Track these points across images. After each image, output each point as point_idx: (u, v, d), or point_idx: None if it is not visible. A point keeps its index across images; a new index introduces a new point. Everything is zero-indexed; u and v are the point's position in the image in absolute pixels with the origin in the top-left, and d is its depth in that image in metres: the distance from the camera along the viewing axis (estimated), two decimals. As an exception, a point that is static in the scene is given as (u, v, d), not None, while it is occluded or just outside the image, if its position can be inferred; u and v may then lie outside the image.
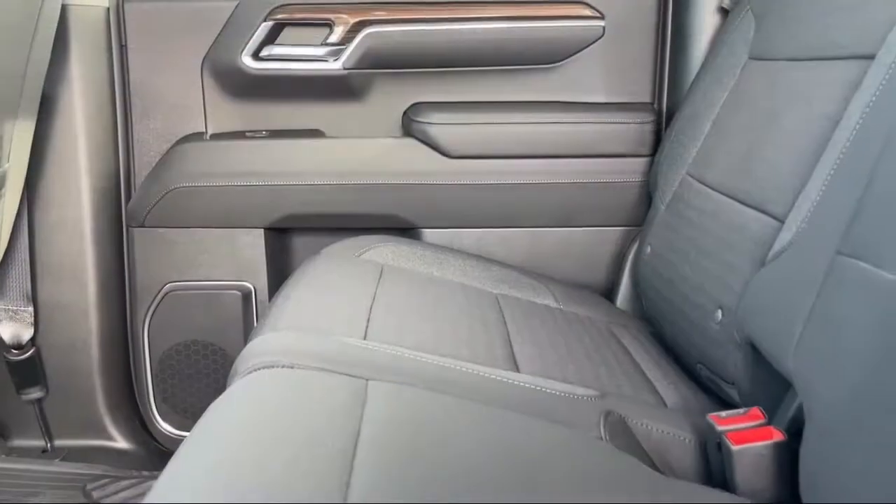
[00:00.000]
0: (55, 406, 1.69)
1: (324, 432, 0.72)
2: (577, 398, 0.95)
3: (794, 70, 1.14)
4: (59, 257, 1.62)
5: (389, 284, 1.30)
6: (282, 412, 0.77)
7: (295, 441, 0.70)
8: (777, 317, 0.88)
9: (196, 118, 1.69)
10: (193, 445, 0.70)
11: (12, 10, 1.24)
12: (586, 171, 1.64)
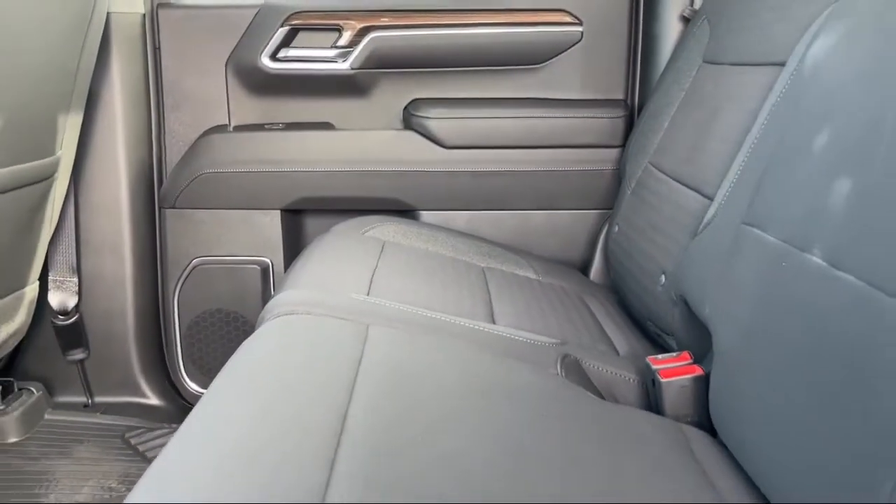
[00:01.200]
0: (95, 366, 1.88)
1: (332, 362, 0.92)
2: (540, 344, 1.15)
3: (734, 73, 1.32)
4: (100, 234, 1.81)
5: (390, 257, 1.49)
6: (299, 347, 0.97)
7: (309, 369, 0.90)
8: (699, 277, 1.07)
9: (220, 112, 1.88)
10: (232, 368, 0.90)
11: (67, 19, 1.44)
12: (566, 160, 1.82)
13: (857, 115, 0.80)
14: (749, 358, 0.88)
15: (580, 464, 0.80)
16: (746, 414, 0.87)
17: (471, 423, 0.83)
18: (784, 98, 1.02)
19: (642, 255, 1.39)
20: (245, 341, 0.99)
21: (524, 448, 0.80)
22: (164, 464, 0.66)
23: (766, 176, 0.96)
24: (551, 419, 0.90)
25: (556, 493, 0.73)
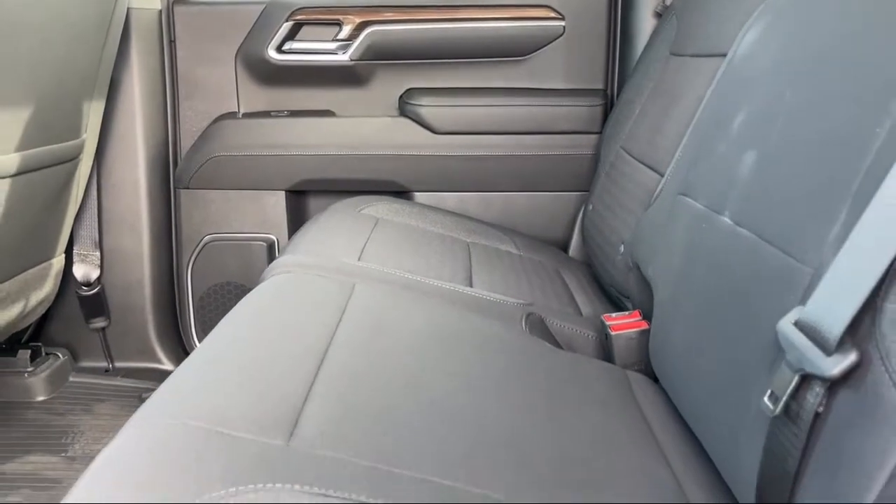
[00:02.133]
0: (115, 334, 2.03)
1: (319, 310, 1.05)
2: (508, 303, 1.28)
3: (692, 63, 1.45)
4: (120, 212, 1.96)
5: (382, 231, 1.62)
6: (291, 298, 1.10)
7: (299, 314, 1.04)
8: (647, 242, 1.20)
9: (230, 100, 2.02)
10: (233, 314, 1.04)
11: (93, 14, 1.58)
12: (548, 144, 1.95)
13: (765, 97, 0.93)
14: (676, 307, 1.01)
15: (528, 395, 0.94)
16: (671, 353, 1.01)
17: (438, 363, 0.97)
18: (718, 84, 1.15)
19: (608, 229, 1.52)
20: (246, 296, 1.13)
21: (482, 384, 0.94)
22: (176, 379, 0.80)
23: (699, 152, 1.09)
24: (509, 362, 1.04)
25: (503, 416, 0.87)
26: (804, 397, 0.62)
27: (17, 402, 1.85)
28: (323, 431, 0.72)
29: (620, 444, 0.87)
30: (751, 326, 0.75)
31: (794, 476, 0.63)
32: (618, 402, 1.01)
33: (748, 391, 0.73)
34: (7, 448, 1.66)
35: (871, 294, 0.58)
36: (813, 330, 0.62)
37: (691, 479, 0.84)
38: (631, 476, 0.81)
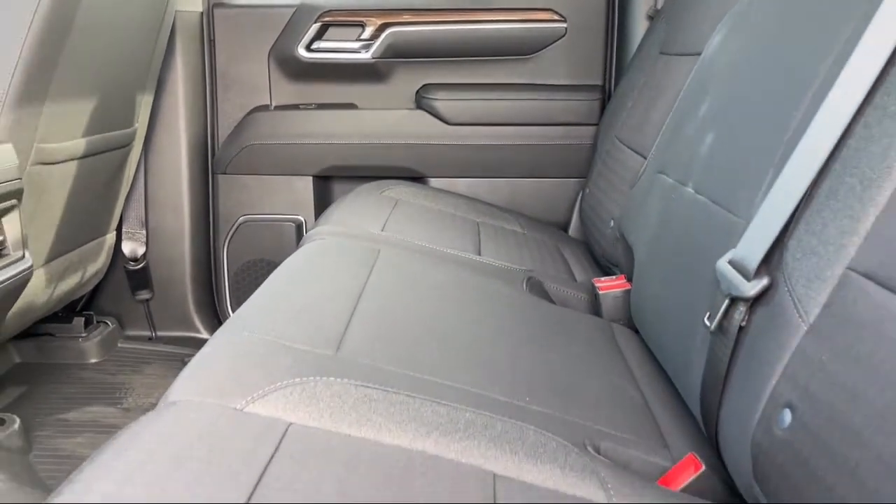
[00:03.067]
0: (158, 305, 2.22)
1: (351, 266, 1.24)
2: (512, 269, 1.47)
3: (677, 61, 1.63)
4: (164, 195, 2.15)
5: (401, 210, 1.81)
6: (327, 258, 1.29)
7: (334, 269, 1.23)
8: (631, 215, 1.38)
9: (264, 94, 2.21)
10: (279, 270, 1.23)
11: (147, 17, 1.77)
12: (550, 135, 2.13)
13: (723, 89, 1.11)
14: (651, 265, 1.20)
15: (525, 333, 1.13)
16: (646, 303, 1.19)
17: (452, 307, 1.16)
18: (691, 79, 1.33)
19: (601, 208, 1.70)
20: (290, 257, 1.32)
21: (487, 323, 1.13)
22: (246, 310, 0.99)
23: (672, 136, 1.27)
24: (510, 311, 1.22)
25: (504, 345, 1.06)
26: (732, 315, 0.81)
27: (73, 363, 2.04)
28: (362, 348, 0.91)
29: (599, 369, 1.06)
30: (702, 270, 0.94)
31: (724, 379, 0.82)
32: (601, 343, 1.20)
33: (697, 320, 0.91)
34: (68, 401, 1.86)
35: (779, 235, 0.77)
36: (739, 264, 0.81)
37: (657, 400, 1.03)
38: (604, 390, 0.99)
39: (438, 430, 0.76)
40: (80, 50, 1.49)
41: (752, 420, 0.74)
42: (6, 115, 1.33)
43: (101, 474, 0.63)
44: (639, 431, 0.91)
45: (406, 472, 0.70)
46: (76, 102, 1.57)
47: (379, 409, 0.77)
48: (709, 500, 0.81)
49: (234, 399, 0.75)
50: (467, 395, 0.86)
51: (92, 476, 0.63)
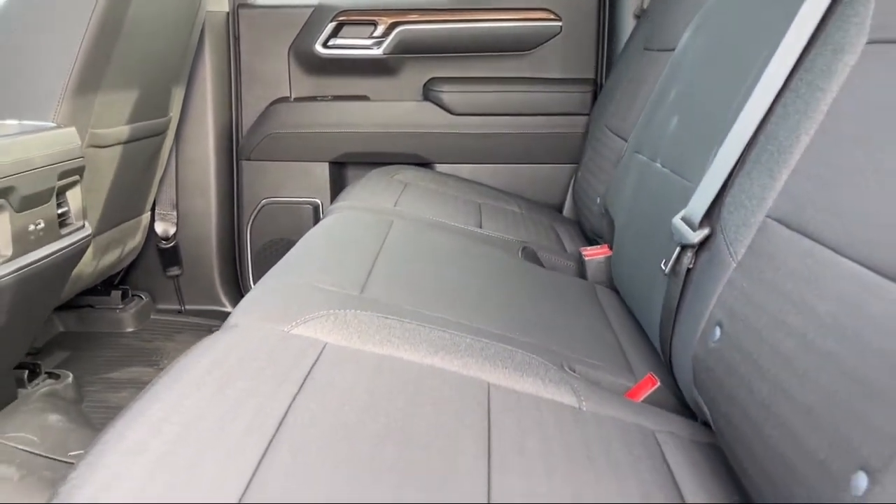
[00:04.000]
0: (187, 281, 2.41)
1: (368, 231, 1.43)
2: (508, 240, 1.65)
3: (658, 56, 1.80)
4: (193, 179, 2.34)
5: (410, 192, 1.99)
6: (347, 225, 1.48)
7: (353, 232, 1.41)
8: (613, 191, 1.56)
9: (284, 87, 2.40)
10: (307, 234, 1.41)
11: (183, 17, 1.96)
12: (547, 124, 2.31)
13: (688, 79, 1.29)
14: (626, 231, 1.38)
15: (518, 288, 1.31)
16: (623, 264, 1.37)
17: (456, 267, 1.34)
18: (665, 71, 1.51)
19: (590, 188, 1.88)
20: (314, 227, 1.51)
21: (486, 280, 1.31)
22: (284, 264, 1.17)
23: (647, 120, 1.45)
24: (506, 272, 1.41)
25: (498, 295, 1.24)
26: (682, 260, 0.99)
27: (111, 332, 2.23)
28: (382, 290, 1.09)
29: (579, 316, 1.24)
30: (663, 228, 1.12)
31: (675, 311, 1.00)
32: (584, 298, 1.38)
33: (658, 268, 1.10)
34: (110, 362, 2.05)
35: (718, 194, 0.95)
36: (688, 219, 0.99)
37: (628, 340, 1.21)
38: (582, 330, 1.18)
39: (444, 349, 0.95)
40: (127, 47, 1.68)
41: (693, 340, 0.92)
42: (67, 103, 1.52)
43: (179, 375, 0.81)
44: (609, 360, 1.10)
45: (418, 379, 0.88)
46: (122, 93, 1.76)
47: (396, 334, 0.96)
48: (664, 408, 0.99)
49: (282, 324, 0.94)
50: (468, 327, 1.04)
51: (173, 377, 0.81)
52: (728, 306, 0.86)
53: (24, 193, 1.25)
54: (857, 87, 0.80)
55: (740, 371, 0.79)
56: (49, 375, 1.71)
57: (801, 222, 0.78)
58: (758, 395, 0.73)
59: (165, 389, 0.76)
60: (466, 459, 0.72)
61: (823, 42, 0.89)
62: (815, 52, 0.90)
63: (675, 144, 1.22)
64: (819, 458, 0.59)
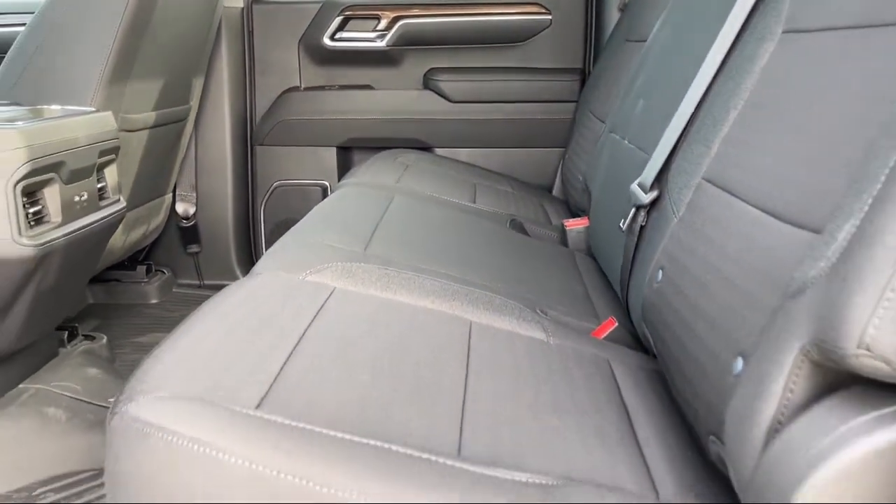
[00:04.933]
0: (205, 257, 2.58)
1: (371, 202, 1.59)
2: (498, 213, 1.81)
3: (634, 46, 1.96)
4: (211, 163, 2.50)
5: (410, 173, 2.15)
6: (353, 199, 1.64)
7: (357, 204, 1.57)
8: (591, 168, 1.72)
9: (295, 77, 2.56)
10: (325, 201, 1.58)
11: (203, 11, 2.12)
12: (538, 111, 2.47)
13: (654, 66, 1.45)
14: (600, 202, 1.54)
15: (505, 251, 1.47)
16: (597, 231, 1.53)
17: (449, 234, 1.50)
18: (640, 58, 1.66)
19: (575, 168, 2.04)
20: (325, 198, 1.67)
21: (477, 243, 1.47)
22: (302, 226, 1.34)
23: (621, 104, 1.61)
24: (495, 239, 1.57)
25: (487, 255, 1.40)
26: (636, 219, 1.15)
27: (137, 303, 2.41)
28: (382, 248, 1.26)
29: (555, 273, 1.41)
30: (625, 195, 1.28)
31: (632, 262, 1.16)
32: (562, 261, 1.54)
33: (619, 228, 1.26)
34: (138, 328, 2.22)
35: (665, 162, 1.11)
36: (642, 184, 1.15)
37: (597, 294, 1.37)
38: (557, 285, 1.34)
39: (434, 294, 1.11)
40: (153, 40, 1.84)
41: (644, 284, 1.08)
42: (102, 91, 1.69)
43: (216, 305, 0.98)
44: (577, 308, 1.26)
45: (412, 316, 1.04)
46: (149, 82, 1.93)
47: (394, 281, 1.12)
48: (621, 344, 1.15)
49: (298, 273, 1.11)
50: (456, 278, 1.21)
51: (211, 307, 0.98)
52: (669, 253, 1.03)
53: (71, 168, 1.42)
54: (773, 69, 0.96)
55: (673, 303, 0.95)
56: (85, 337, 1.89)
57: (725, 181, 0.94)
58: (682, 317, 0.90)
59: (204, 315, 0.93)
60: (448, 369, 0.89)
61: (750, 32, 1.05)
62: (744, 40, 1.06)
63: (639, 124, 1.38)
64: (716, 354, 0.75)
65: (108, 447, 0.70)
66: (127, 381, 0.79)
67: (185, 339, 0.85)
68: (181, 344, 0.83)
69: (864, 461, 0.54)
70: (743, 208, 0.86)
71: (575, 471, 0.72)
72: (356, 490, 0.60)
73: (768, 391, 0.62)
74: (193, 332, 0.87)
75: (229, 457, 0.61)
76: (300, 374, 0.81)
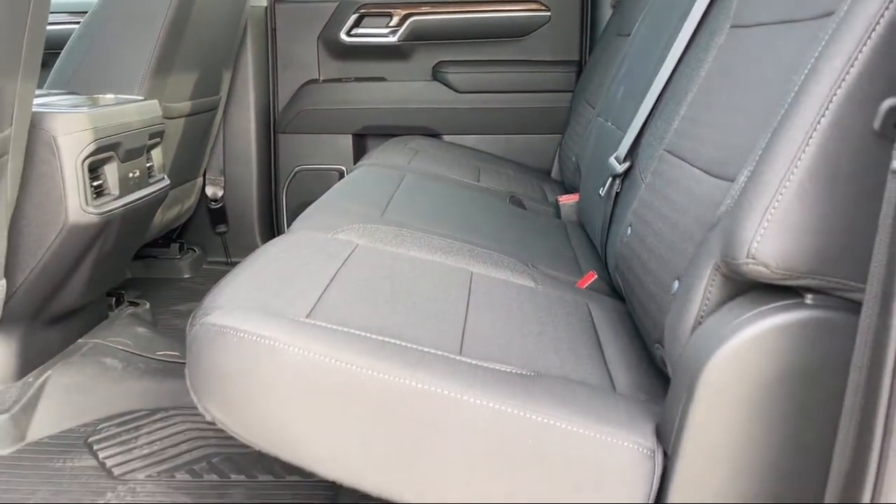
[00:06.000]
0: (232, 237, 2.78)
1: (384, 179, 1.79)
2: (499, 190, 2.01)
3: (623, 40, 2.14)
4: (238, 149, 2.70)
5: (420, 157, 2.35)
6: (368, 177, 1.84)
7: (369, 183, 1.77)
8: (582, 149, 1.91)
9: (314, 70, 2.76)
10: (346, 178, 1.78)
11: (233, 11, 2.32)
12: (537, 99, 2.66)
13: (633, 56, 1.64)
14: (587, 177, 1.73)
15: (501, 223, 1.67)
16: (585, 203, 1.72)
17: (454, 207, 1.70)
18: (624, 51, 1.85)
19: (570, 151, 2.23)
20: (344, 177, 1.87)
21: (480, 212, 1.67)
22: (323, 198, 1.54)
23: (607, 92, 1.80)
24: (495, 212, 1.76)
25: (488, 222, 1.60)
26: (612, 186, 1.34)
27: (170, 277, 2.62)
28: (398, 214, 1.46)
29: (547, 238, 1.60)
30: (607, 168, 1.47)
31: (609, 224, 1.35)
32: (555, 230, 1.74)
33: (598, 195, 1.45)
34: (174, 298, 2.43)
35: (636, 137, 1.30)
36: (618, 157, 1.34)
37: (583, 256, 1.57)
38: (548, 248, 1.54)
39: (441, 250, 1.31)
40: (191, 37, 2.04)
41: (617, 240, 1.28)
42: (147, 82, 1.89)
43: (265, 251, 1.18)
44: (565, 265, 1.46)
45: (422, 266, 1.24)
46: (186, 74, 2.13)
47: (408, 240, 1.32)
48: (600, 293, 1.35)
49: (326, 232, 1.31)
50: (460, 238, 1.41)
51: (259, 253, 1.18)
52: (636, 213, 1.22)
53: (126, 148, 1.63)
54: (720, 59, 1.16)
55: (637, 251, 1.15)
56: (130, 303, 2.10)
57: (679, 150, 1.14)
58: (643, 261, 1.09)
59: (256, 259, 1.13)
60: (452, 304, 1.09)
61: (706, 26, 1.24)
62: (700, 33, 1.25)
63: (619, 107, 1.57)
64: (662, 281, 0.95)
65: (189, 353, 0.91)
66: (200, 303, 1.00)
67: (244, 272, 1.05)
68: (241, 276, 1.03)
69: (751, 342, 0.73)
70: (689, 170, 1.05)
71: (550, 370, 0.91)
72: (382, 369, 0.80)
73: (692, 300, 0.82)
74: (249, 269, 1.07)
75: (287, 346, 0.81)
76: (334, 302, 1.01)
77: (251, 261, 1.11)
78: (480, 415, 0.79)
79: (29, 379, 1.58)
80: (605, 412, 0.81)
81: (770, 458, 0.75)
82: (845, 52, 0.69)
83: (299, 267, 1.10)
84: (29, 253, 1.48)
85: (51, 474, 1.40)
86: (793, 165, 0.70)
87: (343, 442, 0.80)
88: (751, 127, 0.91)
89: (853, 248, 0.70)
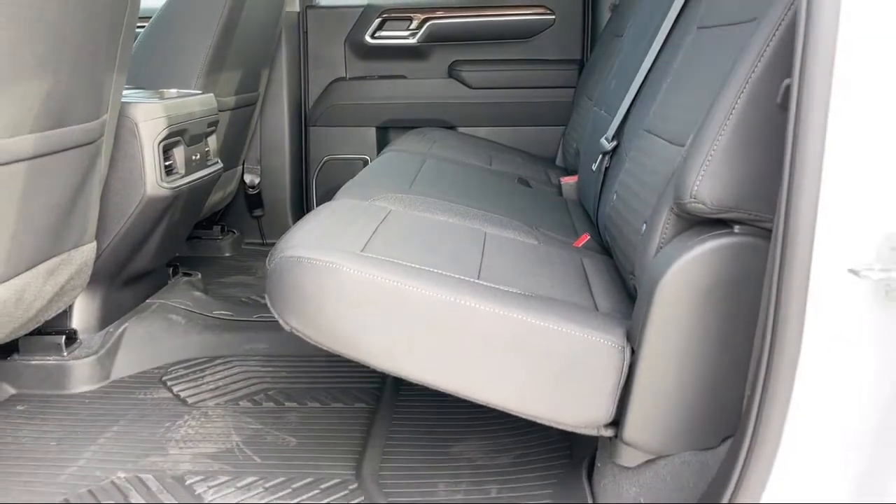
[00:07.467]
0: (267, 221, 3.03)
1: (408, 162, 2.04)
2: (508, 173, 2.26)
3: (620, 39, 2.39)
4: (273, 141, 2.96)
5: (437, 145, 2.60)
6: (392, 162, 2.10)
7: (393, 166, 2.03)
8: (580, 135, 2.16)
9: (341, 69, 3.02)
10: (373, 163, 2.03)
11: (270, 16, 2.58)
12: (543, 95, 2.91)
13: (624, 51, 1.89)
14: (585, 159, 1.98)
15: (511, 196, 1.92)
16: (583, 182, 1.97)
17: (469, 184, 1.96)
18: (618, 49, 2.10)
19: (572, 140, 2.48)
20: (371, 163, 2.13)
21: (490, 189, 1.92)
22: (357, 178, 1.80)
23: (603, 85, 2.05)
24: (506, 190, 2.02)
25: (497, 196, 1.85)
26: (603, 162, 1.59)
27: (213, 256, 2.88)
28: (423, 187, 1.72)
29: (551, 210, 1.86)
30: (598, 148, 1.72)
31: (600, 193, 1.60)
32: (556, 204, 1.99)
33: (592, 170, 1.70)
34: (218, 272, 2.69)
35: (622, 120, 1.55)
36: (607, 138, 1.59)
37: (579, 223, 1.81)
38: (550, 217, 1.79)
39: (460, 214, 1.57)
40: (238, 39, 2.31)
41: (606, 206, 1.53)
42: (203, 77, 2.16)
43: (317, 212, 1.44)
44: (564, 230, 1.71)
45: (445, 227, 1.50)
46: (233, 72, 2.39)
47: (432, 207, 1.58)
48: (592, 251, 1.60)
49: (364, 200, 1.56)
50: (475, 206, 1.66)
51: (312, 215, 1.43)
52: (621, 182, 1.47)
53: (191, 134, 1.89)
54: (688, 55, 1.40)
55: (621, 211, 1.40)
56: (184, 274, 2.36)
57: (655, 129, 1.39)
58: (624, 217, 1.35)
59: (310, 217, 1.39)
60: (469, 252, 1.34)
61: (679, 26, 1.49)
62: (674, 32, 1.50)
63: (611, 97, 1.82)
64: (635, 227, 1.20)
65: (270, 280, 1.16)
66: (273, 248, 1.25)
67: (306, 225, 1.31)
68: (304, 227, 1.29)
69: (694, 260, 0.98)
70: (660, 142, 1.30)
71: (547, 294, 1.17)
72: (419, 286, 1.05)
73: (654, 235, 1.07)
74: (309, 223, 1.33)
75: (349, 269, 1.06)
76: (379, 246, 1.26)
77: (308, 218, 1.37)
78: (493, 320, 1.04)
79: (110, 329, 1.85)
80: (587, 319, 1.06)
81: (708, 350, 1.00)
82: (758, 47, 0.93)
83: (347, 224, 1.36)
84: (114, 221, 1.74)
85: (136, 402, 1.66)
86: (721, 129, 0.95)
87: (389, 340, 1.05)
88: (702, 106, 1.16)
89: (766, 189, 0.95)
